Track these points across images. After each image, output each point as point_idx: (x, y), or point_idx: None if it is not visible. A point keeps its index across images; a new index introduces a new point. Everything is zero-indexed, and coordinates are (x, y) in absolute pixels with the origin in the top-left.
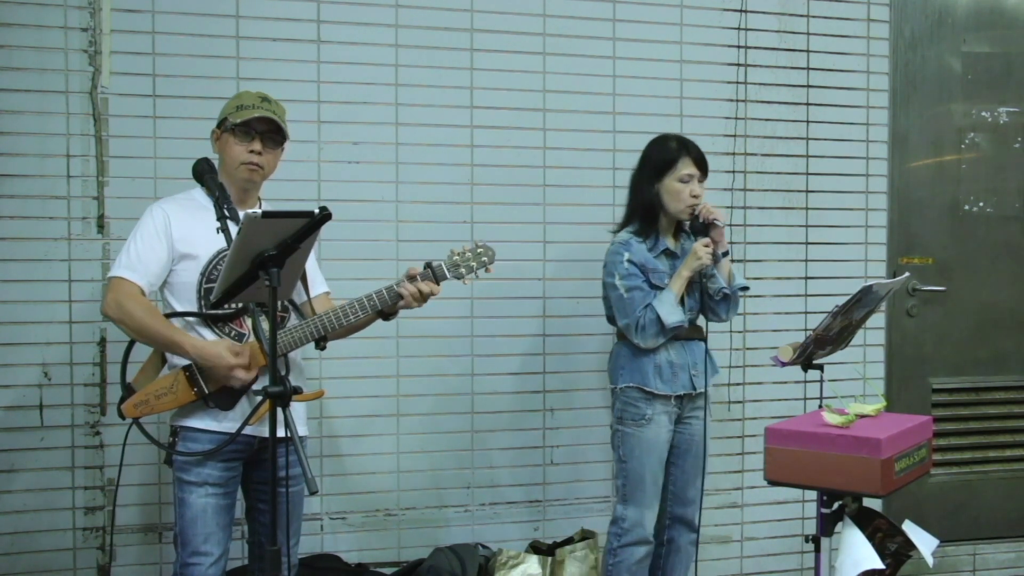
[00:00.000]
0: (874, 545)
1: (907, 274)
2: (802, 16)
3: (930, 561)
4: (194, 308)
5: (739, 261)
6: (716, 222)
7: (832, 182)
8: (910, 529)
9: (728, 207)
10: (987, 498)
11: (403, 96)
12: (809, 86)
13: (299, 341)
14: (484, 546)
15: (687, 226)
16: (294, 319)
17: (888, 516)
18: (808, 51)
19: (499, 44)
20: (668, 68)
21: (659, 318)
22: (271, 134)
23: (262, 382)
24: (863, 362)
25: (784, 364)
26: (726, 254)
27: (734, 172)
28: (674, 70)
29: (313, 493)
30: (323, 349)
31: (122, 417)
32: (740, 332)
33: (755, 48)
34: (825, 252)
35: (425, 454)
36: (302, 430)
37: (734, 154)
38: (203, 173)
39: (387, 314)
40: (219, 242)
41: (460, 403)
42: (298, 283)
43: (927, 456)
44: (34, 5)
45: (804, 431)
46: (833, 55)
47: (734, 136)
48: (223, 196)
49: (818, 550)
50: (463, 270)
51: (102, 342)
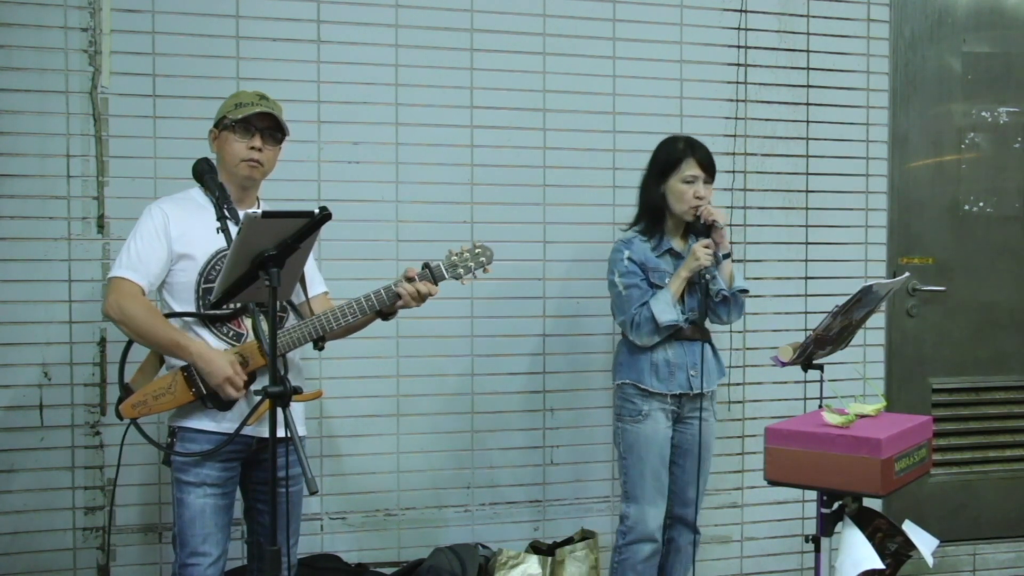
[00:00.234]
0: (874, 545)
1: (907, 274)
2: (802, 16)
3: (930, 561)
4: (192, 308)
5: (739, 261)
6: (716, 223)
7: (832, 182)
8: (910, 529)
9: (728, 207)
10: (987, 498)
11: (403, 96)
12: (809, 86)
13: (297, 341)
14: (484, 546)
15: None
16: (292, 319)
17: (888, 516)
18: (808, 51)
19: (499, 44)
20: (668, 68)
21: (653, 316)
22: (271, 131)
23: (261, 382)
24: (863, 362)
25: (784, 364)
26: (728, 256)
27: (734, 172)
28: (674, 70)
29: (313, 493)
30: (321, 349)
31: (120, 417)
32: (740, 332)
33: (755, 48)
34: (825, 252)
35: (425, 454)
36: (301, 430)
37: (734, 154)
38: (203, 173)
39: (386, 314)
40: (217, 242)
41: (460, 403)
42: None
43: (927, 456)
44: (34, 5)
45: (804, 431)
46: (833, 55)
47: (734, 136)
48: (223, 196)
49: (818, 550)
50: (461, 270)
51: (102, 342)
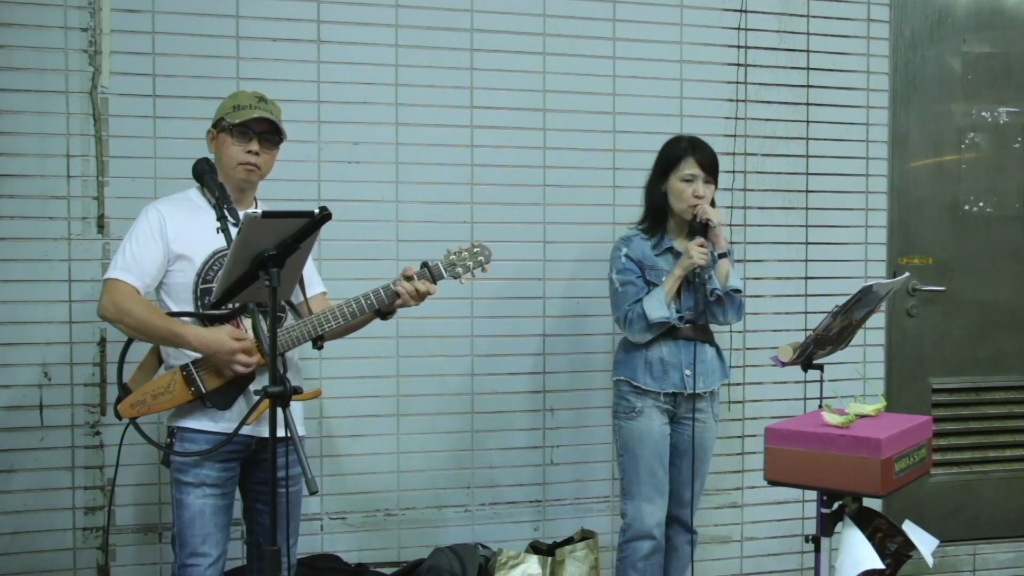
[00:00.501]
0: (874, 545)
1: (907, 274)
2: (802, 16)
3: (930, 561)
4: (190, 309)
5: (739, 261)
6: (710, 222)
7: (832, 182)
8: (910, 529)
9: (728, 207)
10: (987, 498)
11: (403, 96)
12: (809, 86)
13: (296, 340)
14: (484, 546)
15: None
16: (291, 319)
17: (888, 516)
18: (808, 51)
19: (499, 44)
20: (668, 68)
21: (645, 313)
22: (268, 134)
23: (261, 382)
24: (863, 362)
25: (784, 364)
26: (724, 255)
27: (734, 172)
28: (674, 70)
29: (313, 493)
30: (320, 348)
31: (119, 417)
32: (740, 332)
33: (755, 48)
34: (825, 252)
35: (425, 454)
36: (300, 430)
37: (734, 154)
38: (203, 173)
39: (385, 313)
40: (215, 243)
41: (460, 403)
42: None
43: (927, 456)
44: (34, 5)
45: (804, 431)
46: (833, 55)
47: (734, 136)
48: (223, 196)
49: (818, 550)
50: (459, 269)
51: (102, 342)
